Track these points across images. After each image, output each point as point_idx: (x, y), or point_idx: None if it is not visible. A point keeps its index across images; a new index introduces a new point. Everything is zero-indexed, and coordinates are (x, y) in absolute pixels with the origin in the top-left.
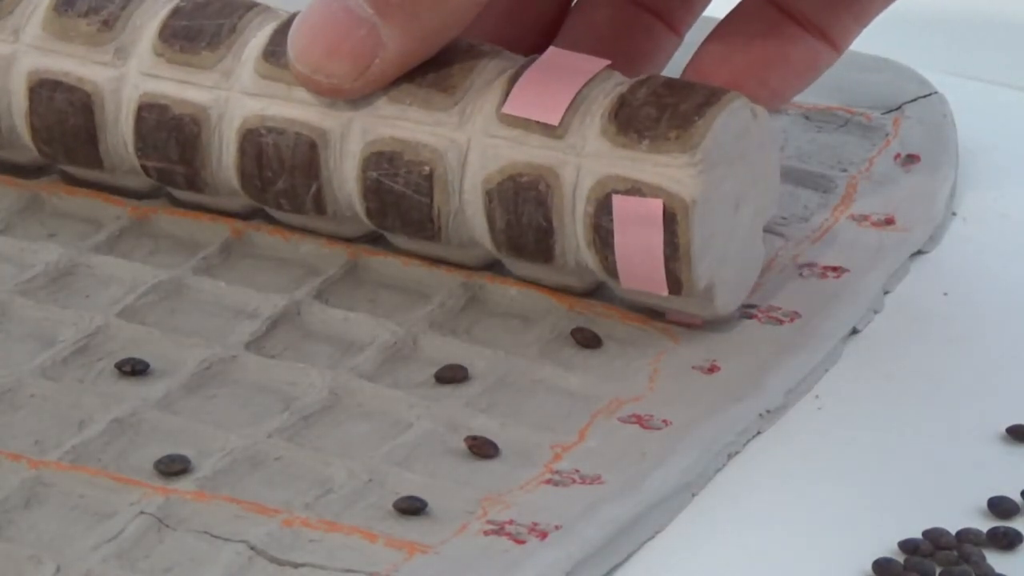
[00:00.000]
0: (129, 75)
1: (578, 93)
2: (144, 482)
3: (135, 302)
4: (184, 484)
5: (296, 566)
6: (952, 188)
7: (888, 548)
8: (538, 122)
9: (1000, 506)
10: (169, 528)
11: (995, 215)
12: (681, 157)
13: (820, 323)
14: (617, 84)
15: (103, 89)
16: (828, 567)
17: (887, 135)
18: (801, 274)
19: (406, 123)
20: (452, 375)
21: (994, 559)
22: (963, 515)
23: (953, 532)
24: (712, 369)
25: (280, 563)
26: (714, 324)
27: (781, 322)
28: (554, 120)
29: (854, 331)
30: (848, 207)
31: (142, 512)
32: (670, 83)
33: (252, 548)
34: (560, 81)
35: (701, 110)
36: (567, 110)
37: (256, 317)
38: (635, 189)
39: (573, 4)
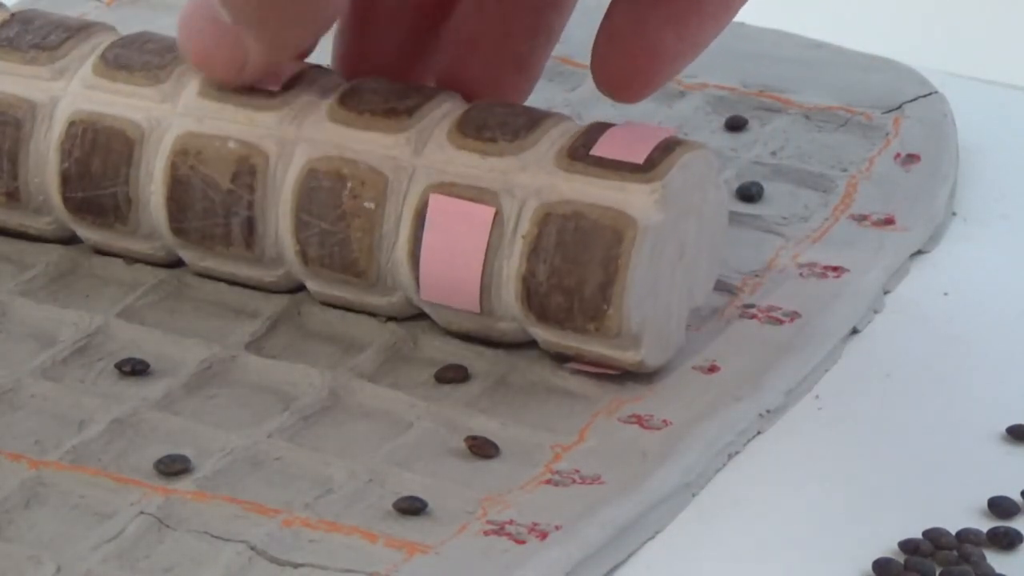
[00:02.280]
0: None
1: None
2: (144, 482)
3: (135, 302)
4: (184, 484)
5: (296, 566)
6: (952, 188)
7: (888, 548)
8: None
9: (1000, 506)
10: (169, 528)
11: (995, 215)
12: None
13: (820, 323)
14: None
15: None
16: (828, 567)
17: (887, 135)
18: (801, 274)
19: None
20: (452, 375)
21: (994, 559)
22: (963, 515)
23: (953, 532)
24: (712, 369)
25: (280, 563)
26: (712, 330)
27: (781, 322)
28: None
29: (854, 331)
30: (848, 207)
31: (142, 512)
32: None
33: (252, 548)
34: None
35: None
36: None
37: (256, 317)
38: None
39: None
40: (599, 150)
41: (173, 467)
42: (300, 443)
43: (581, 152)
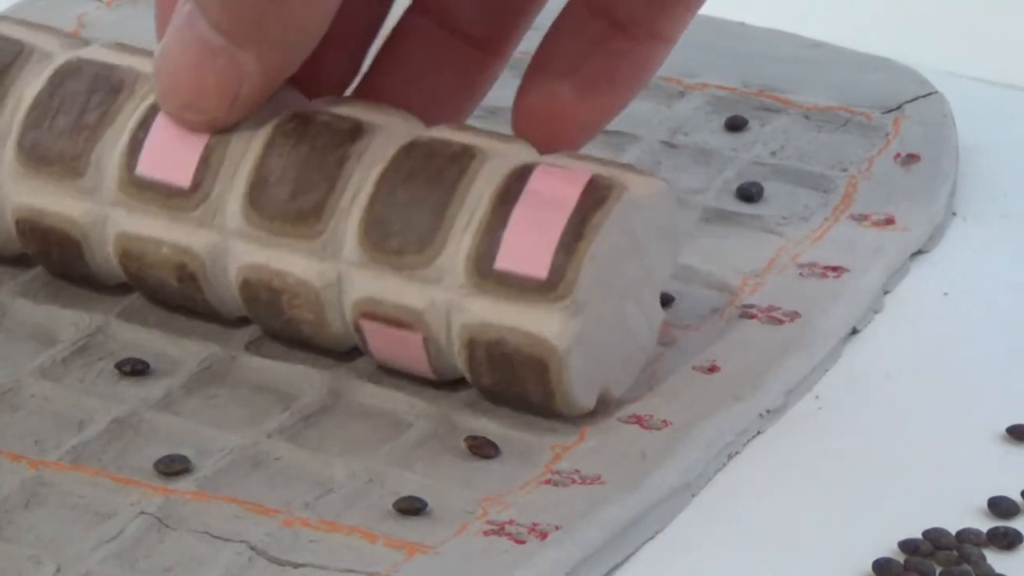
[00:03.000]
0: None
1: None
2: (144, 482)
3: (135, 302)
4: (184, 484)
5: (296, 566)
6: (952, 188)
7: (888, 548)
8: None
9: (1000, 506)
10: (169, 528)
11: (995, 215)
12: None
13: (820, 323)
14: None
15: None
16: (828, 567)
17: (887, 135)
18: (801, 274)
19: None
20: None
21: (994, 559)
22: (963, 515)
23: (953, 532)
24: (712, 369)
25: (280, 563)
26: (712, 330)
27: (781, 322)
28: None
29: (854, 331)
30: (848, 207)
31: (142, 512)
32: None
33: (252, 548)
34: None
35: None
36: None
37: None
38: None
39: (385, 40)
40: (502, 262)
41: (173, 467)
42: (300, 443)
43: (486, 265)
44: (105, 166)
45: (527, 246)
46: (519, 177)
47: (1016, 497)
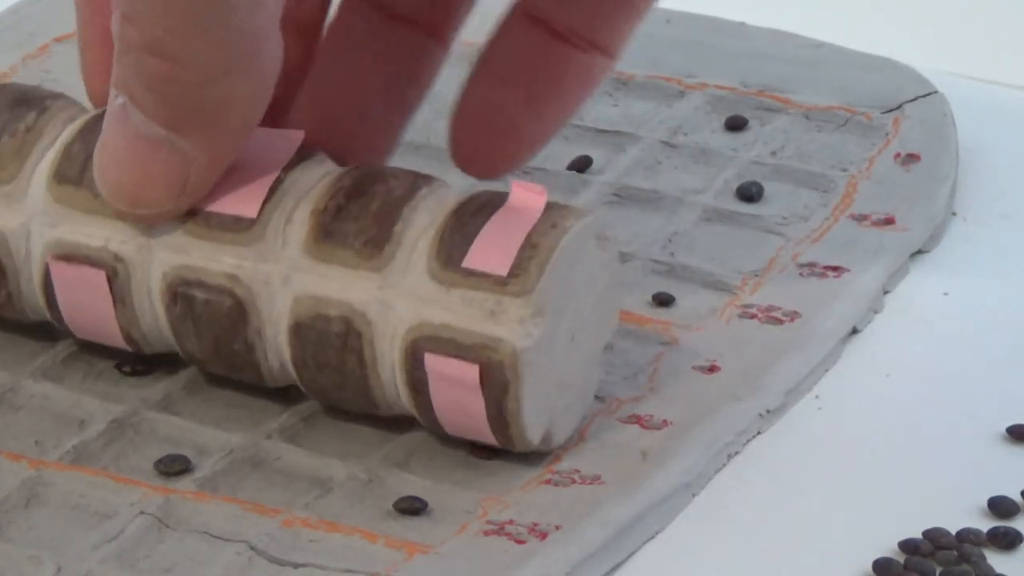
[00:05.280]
0: None
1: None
2: (144, 482)
3: None
4: (184, 484)
5: (296, 566)
6: (952, 188)
7: (888, 548)
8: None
9: (1000, 506)
10: (169, 528)
11: (995, 215)
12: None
13: (820, 323)
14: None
15: None
16: (828, 567)
17: (887, 135)
18: (801, 274)
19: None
20: None
21: (994, 559)
22: (963, 515)
23: (953, 532)
24: (712, 369)
25: (280, 563)
26: (712, 330)
27: (781, 322)
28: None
29: (854, 331)
30: (848, 207)
31: (142, 512)
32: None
33: (252, 548)
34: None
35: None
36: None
37: None
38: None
39: (326, 27)
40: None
41: (173, 467)
42: (300, 443)
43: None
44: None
45: (465, 425)
46: (416, 363)
47: (1016, 497)
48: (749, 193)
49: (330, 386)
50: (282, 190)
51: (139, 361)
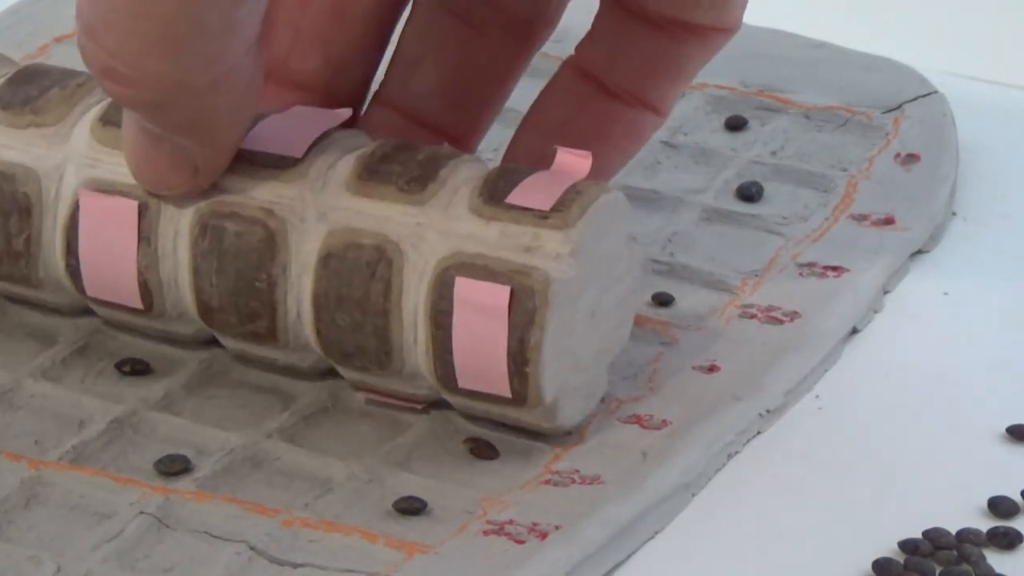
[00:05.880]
0: None
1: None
2: (144, 482)
3: None
4: (184, 484)
5: (296, 566)
6: (952, 188)
7: (888, 548)
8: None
9: (1000, 506)
10: (169, 528)
11: (995, 215)
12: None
13: (820, 323)
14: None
15: None
16: (828, 567)
17: (887, 134)
18: (801, 274)
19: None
20: None
21: (994, 559)
22: (963, 515)
23: (953, 532)
24: (712, 369)
25: (280, 563)
26: (712, 330)
27: (781, 322)
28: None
29: (854, 331)
30: (848, 207)
31: (142, 512)
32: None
33: (252, 548)
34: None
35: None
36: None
37: None
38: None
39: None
40: (464, 382)
41: (173, 467)
42: (300, 443)
43: (452, 384)
44: (55, 285)
45: (481, 364)
46: (445, 291)
47: (1016, 497)
48: (749, 193)
49: (347, 327)
50: (330, 141)
51: (139, 361)
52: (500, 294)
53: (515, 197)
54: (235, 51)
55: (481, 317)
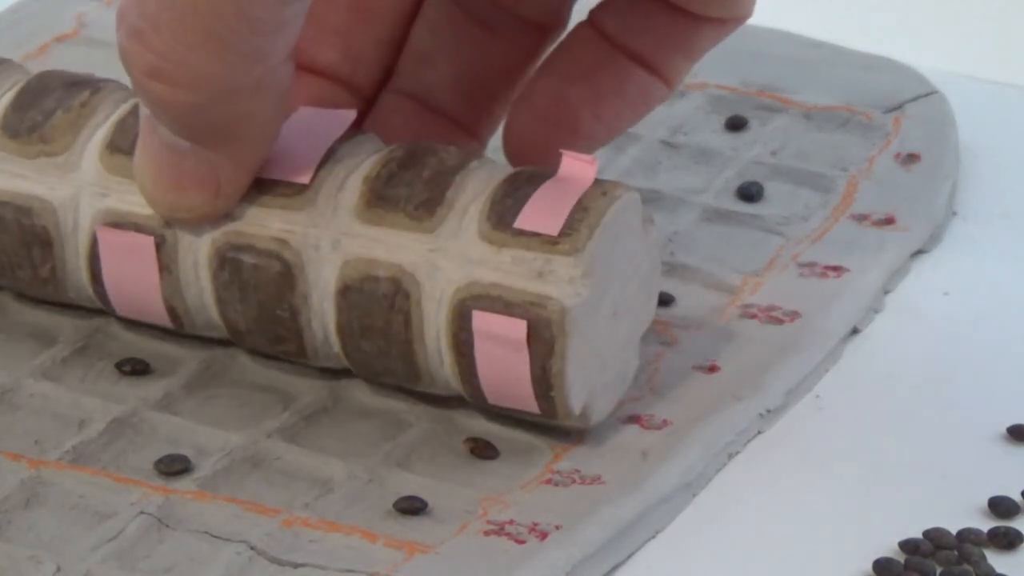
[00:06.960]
0: None
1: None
2: (144, 482)
3: None
4: (184, 484)
5: (296, 566)
6: (952, 188)
7: (888, 548)
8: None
9: (1000, 506)
10: (169, 528)
11: (995, 215)
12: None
13: (820, 323)
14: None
15: None
16: (828, 567)
17: (887, 134)
18: (801, 274)
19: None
20: None
21: (994, 559)
22: (963, 515)
23: (953, 532)
24: (712, 369)
25: (280, 563)
26: (713, 330)
27: (781, 322)
28: None
29: (854, 331)
30: (848, 207)
31: (142, 512)
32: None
33: (252, 548)
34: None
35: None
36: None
37: None
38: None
39: (368, 119)
40: (492, 399)
41: (173, 467)
42: (300, 443)
43: (481, 403)
44: (87, 302)
45: (507, 389)
46: (463, 323)
47: (1016, 497)
48: (749, 193)
49: (374, 353)
50: (334, 159)
51: (139, 361)
52: (517, 328)
53: (523, 221)
54: (279, 52)
55: (501, 348)
